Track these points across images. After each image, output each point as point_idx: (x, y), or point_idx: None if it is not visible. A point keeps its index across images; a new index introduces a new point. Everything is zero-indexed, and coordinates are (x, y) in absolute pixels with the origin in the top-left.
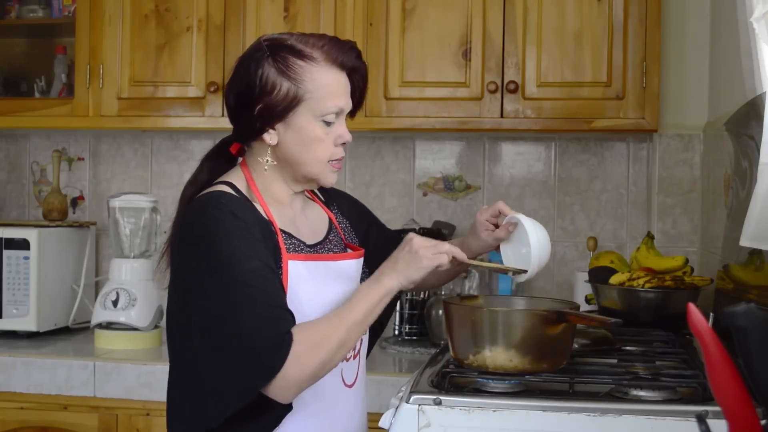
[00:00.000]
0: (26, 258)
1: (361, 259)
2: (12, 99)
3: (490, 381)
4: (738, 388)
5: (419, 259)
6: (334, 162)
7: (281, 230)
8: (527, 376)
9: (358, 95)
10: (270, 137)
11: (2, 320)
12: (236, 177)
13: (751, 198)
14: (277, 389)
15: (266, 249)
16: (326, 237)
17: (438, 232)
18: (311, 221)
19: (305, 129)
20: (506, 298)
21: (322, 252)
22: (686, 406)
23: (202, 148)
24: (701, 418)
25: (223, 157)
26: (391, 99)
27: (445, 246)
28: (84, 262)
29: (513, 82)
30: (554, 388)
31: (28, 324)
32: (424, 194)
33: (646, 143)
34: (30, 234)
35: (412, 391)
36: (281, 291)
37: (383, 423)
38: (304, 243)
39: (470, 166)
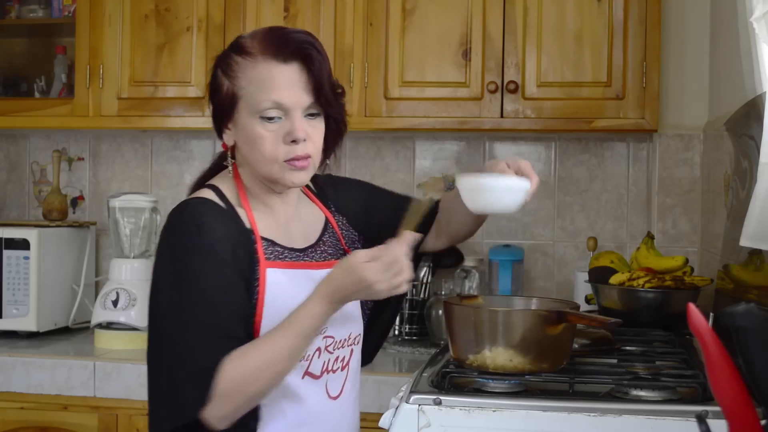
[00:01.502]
0: (26, 258)
1: None
2: (12, 99)
3: (490, 381)
4: (738, 388)
5: (372, 291)
6: (291, 161)
7: (263, 237)
8: (527, 376)
9: (315, 87)
10: (227, 138)
11: (2, 320)
12: (225, 180)
13: (751, 198)
14: (206, 420)
15: (232, 265)
16: (320, 239)
17: None
18: (306, 222)
19: (246, 127)
20: (506, 298)
21: (313, 256)
22: (686, 406)
23: (202, 148)
24: (701, 418)
25: (223, 158)
26: (391, 99)
27: (405, 273)
28: (84, 262)
29: (513, 82)
30: (554, 388)
31: (28, 324)
32: (424, 194)
33: (646, 143)
34: (30, 234)
35: (412, 391)
36: (232, 315)
37: (383, 423)
38: (290, 249)
39: (470, 166)
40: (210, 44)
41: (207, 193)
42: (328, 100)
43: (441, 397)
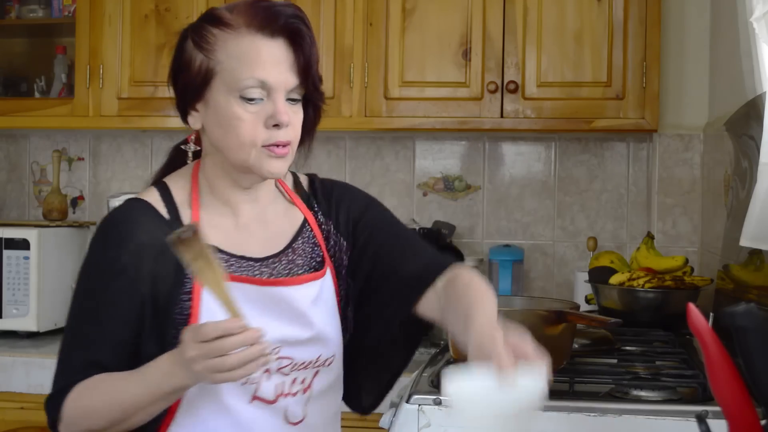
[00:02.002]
0: (26, 258)
1: (320, 284)
2: (12, 99)
3: None
4: (738, 388)
5: (199, 377)
6: (271, 146)
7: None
8: None
9: (303, 67)
10: (193, 120)
11: (2, 320)
12: (180, 177)
13: (751, 198)
14: None
15: (134, 283)
16: (290, 245)
17: (438, 232)
18: (273, 227)
19: (222, 107)
20: (506, 298)
21: (275, 267)
22: (686, 406)
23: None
24: (701, 418)
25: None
26: (391, 99)
27: (231, 360)
28: None
29: (513, 82)
30: (554, 388)
31: (28, 324)
32: (424, 194)
33: (646, 143)
34: (30, 234)
35: (412, 391)
36: (103, 338)
37: (383, 423)
38: (240, 257)
39: (470, 166)
40: None
41: (150, 194)
42: (314, 83)
43: (441, 397)
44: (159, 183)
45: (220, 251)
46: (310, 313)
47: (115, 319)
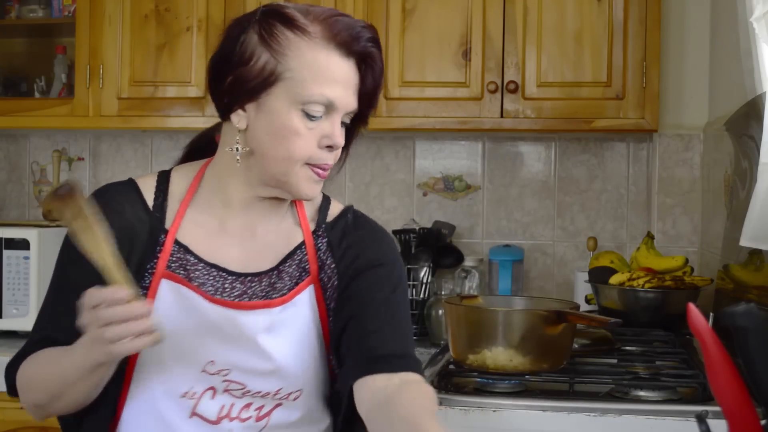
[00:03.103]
0: (26, 258)
1: (278, 312)
2: (12, 99)
3: (490, 381)
4: (738, 388)
5: (97, 344)
6: (314, 167)
7: (179, 242)
8: (527, 376)
9: (369, 94)
10: (238, 119)
11: (2, 320)
12: (188, 168)
13: (751, 198)
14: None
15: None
16: (275, 268)
17: (438, 232)
18: (263, 244)
19: (280, 115)
20: (506, 298)
21: (251, 285)
22: (686, 406)
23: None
24: (701, 418)
25: (201, 146)
26: (391, 99)
27: (117, 329)
28: None
29: (513, 82)
30: (554, 388)
31: (28, 324)
32: (424, 194)
33: (646, 143)
34: (30, 234)
35: None
36: (58, 315)
37: None
38: (212, 266)
39: (470, 166)
40: (210, 44)
41: (146, 180)
42: (373, 111)
43: (441, 397)
44: (163, 171)
45: (188, 251)
46: (264, 343)
47: (71, 300)
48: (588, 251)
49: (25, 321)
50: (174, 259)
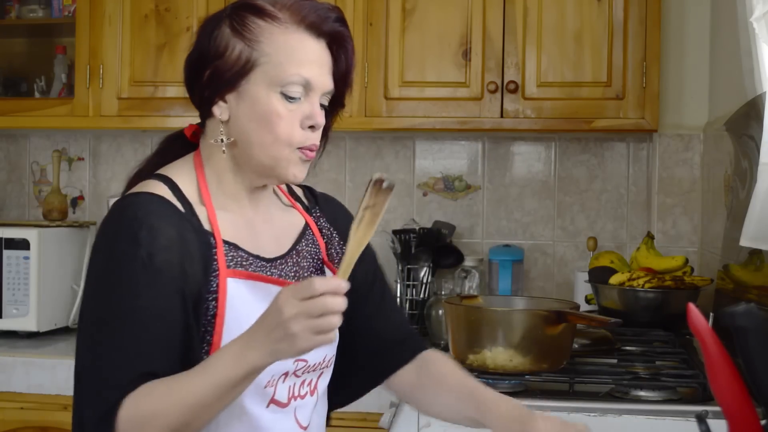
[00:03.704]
0: (26, 258)
1: None
2: (12, 99)
3: (490, 381)
4: (738, 388)
5: (293, 339)
6: (304, 149)
7: (225, 241)
8: (527, 376)
9: (343, 74)
10: (220, 111)
11: (2, 320)
12: (182, 170)
13: (751, 198)
14: None
15: (172, 281)
16: (294, 247)
17: (438, 232)
18: (276, 227)
19: (260, 100)
20: (506, 298)
21: (283, 269)
22: (686, 406)
23: None
24: (701, 418)
25: (178, 143)
26: (391, 99)
27: (333, 319)
28: (84, 262)
29: (513, 82)
30: (554, 388)
31: (28, 324)
32: (424, 194)
33: (646, 143)
34: (30, 234)
35: None
36: (154, 346)
37: (383, 423)
38: (256, 257)
39: (470, 166)
40: None
41: (159, 188)
42: (348, 90)
43: None
44: (160, 176)
45: (238, 247)
46: None
47: (162, 323)
48: (588, 251)
49: (25, 321)
50: (229, 257)
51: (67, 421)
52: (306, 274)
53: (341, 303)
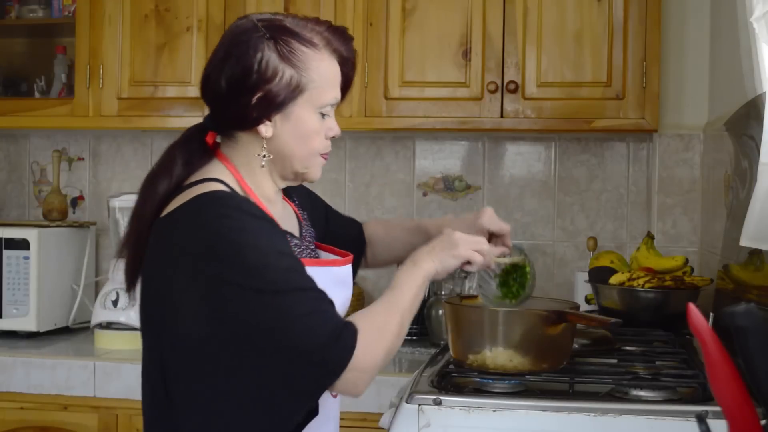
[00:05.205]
0: (26, 258)
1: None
2: (12, 99)
3: (490, 381)
4: (738, 388)
5: (455, 245)
6: (324, 154)
7: (289, 232)
8: (527, 376)
9: (347, 87)
10: (266, 129)
11: (2, 320)
12: (220, 172)
13: (751, 198)
14: (348, 383)
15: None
16: (302, 234)
17: None
18: (289, 219)
19: (304, 121)
20: None
21: (310, 249)
22: (686, 406)
23: None
24: (701, 418)
25: (195, 148)
26: (391, 99)
27: (485, 246)
28: (84, 262)
29: (513, 82)
30: (554, 388)
31: (28, 324)
32: (424, 194)
33: (646, 143)
34: (30, 234)
35: (412, 391)
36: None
37: (383, 423)
38: (305, 246)
39: (470, 166)
40: (210, 44)
41: (219, 187)
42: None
43: (441, 397)
44: (210, 179)
45: (293, 236)
46: (350, 290)
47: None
48: (588, 251)
49: (25, 321)
50: (299, 251)
51: (66, 420)
52: (314, 255)
53: (486, 250)
